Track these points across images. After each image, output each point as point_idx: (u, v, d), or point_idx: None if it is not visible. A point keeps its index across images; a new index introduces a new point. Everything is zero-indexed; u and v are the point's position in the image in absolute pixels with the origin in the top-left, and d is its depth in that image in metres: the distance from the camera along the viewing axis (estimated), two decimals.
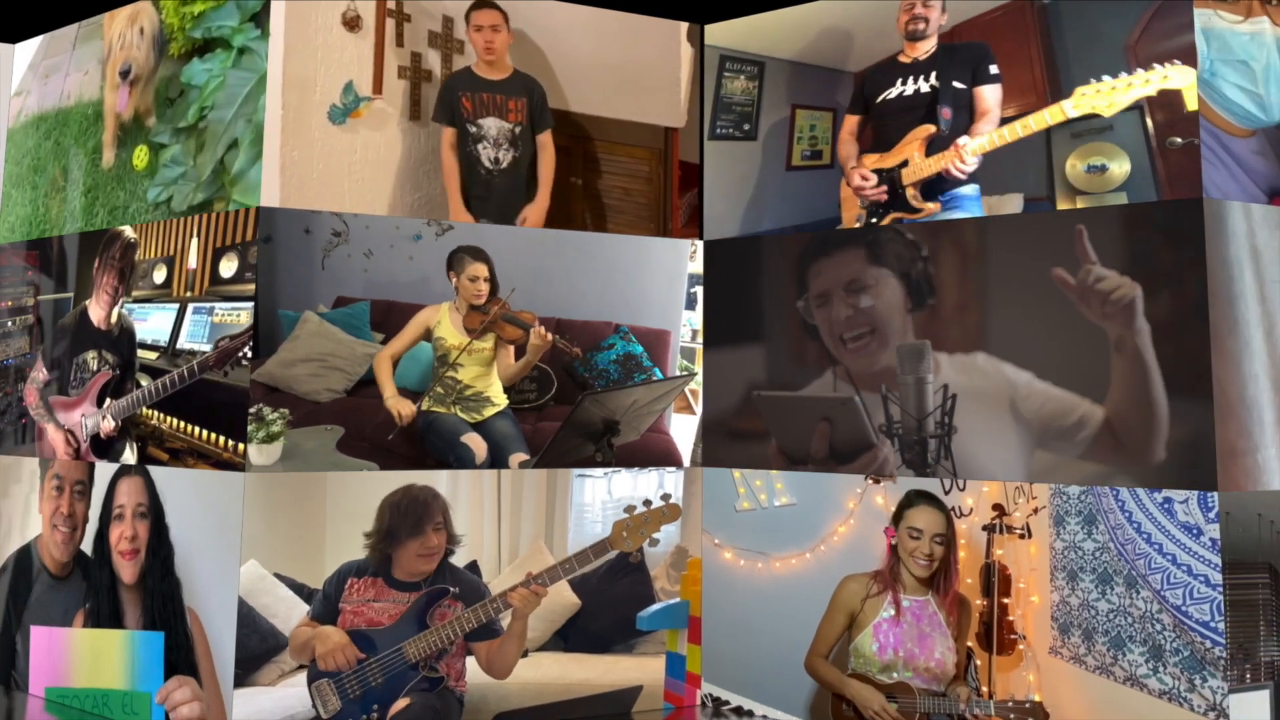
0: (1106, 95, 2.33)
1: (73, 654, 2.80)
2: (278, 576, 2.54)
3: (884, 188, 2.68)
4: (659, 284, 2.91)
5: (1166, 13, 2.35)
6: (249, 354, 2.55)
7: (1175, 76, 2.28)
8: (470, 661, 2.68)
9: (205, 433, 2.61)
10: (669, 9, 2.98)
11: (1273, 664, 2.19)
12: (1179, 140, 2.32)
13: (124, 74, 2.86)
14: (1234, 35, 2.37)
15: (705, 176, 2.97)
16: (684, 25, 2.98)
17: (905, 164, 2.65)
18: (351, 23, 2.63)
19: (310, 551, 2.57)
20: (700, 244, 2.96)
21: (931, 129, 2.60)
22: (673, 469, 2.89)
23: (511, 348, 2.80)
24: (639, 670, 2.82)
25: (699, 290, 2.94)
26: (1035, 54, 2.50)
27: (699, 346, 2.93)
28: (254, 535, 2.49)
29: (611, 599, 2.85)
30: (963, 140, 2.56)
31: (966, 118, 2.58)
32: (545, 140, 2.85)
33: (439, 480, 2.67)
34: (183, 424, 2.66)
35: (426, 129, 2.71)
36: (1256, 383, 2.27)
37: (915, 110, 2.64)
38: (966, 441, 2.25)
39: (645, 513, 2.86)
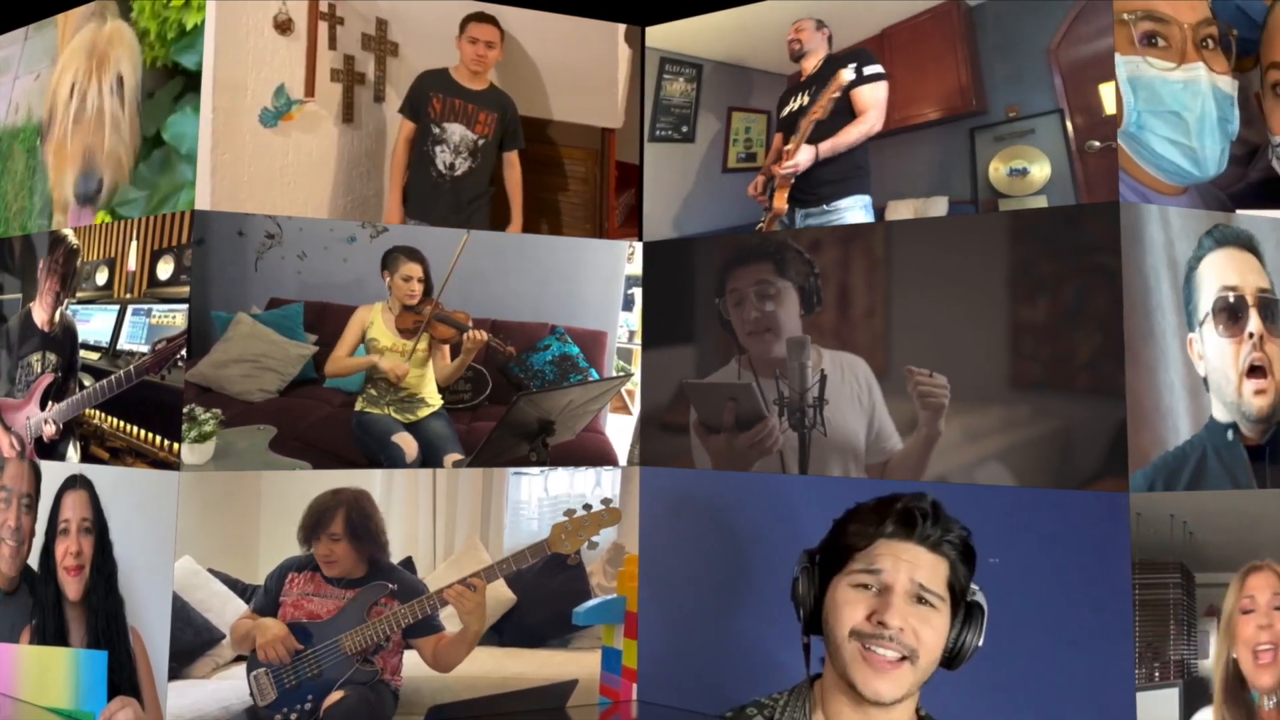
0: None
1: (20, 671, 2.84)
2: (212, 572, 2.57)
3: (765, 195, 2.76)
4: (595, 285, 2.94)
5: (1087, 17, 2.36)
6: (184, 355, 2.58)
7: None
8: (409, 656, 2.71)
9: (143, 432, 2.64)
10: (609, 12, 3.00)
11: (1183, 663, 2.22)
12: (1097, 144, 2.33)
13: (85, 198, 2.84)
14: (1164, 84, 2.34)
15: (645, 178, 2.99)
16: (622, 27, 2.99)
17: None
18: (283, 26, 2.64)
19: (244, 548, 2.60)
20: (639, 245, 2.99)
21: (781, 137, 2.74)
22: (610, 468, 2.91)
23: (447, 348, 2.82)
24: (574, 665, 2.85)
25: (636, 291, 2.96)
26: (961, 57, 2.51)
27: (636, 347, 2.96)
28: (188, 532, 2.52)
29: (547, 594, 2.87)
30: (789, 145, 2.71)
31: (848, 120, 2.64)
32: (513, 159, 2.87)
33: (373, 479, 2.70)
34: (122, 424, 2.69)
35: (360, 131, 2.72)
36: (1173, 391, 2.28)
37: (794, 124, 2.73)
38: (834, 413, 2.63)
39: (585, 516, 2.88)
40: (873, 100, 2.65)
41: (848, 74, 2.66)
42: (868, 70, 2.66)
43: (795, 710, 1.70)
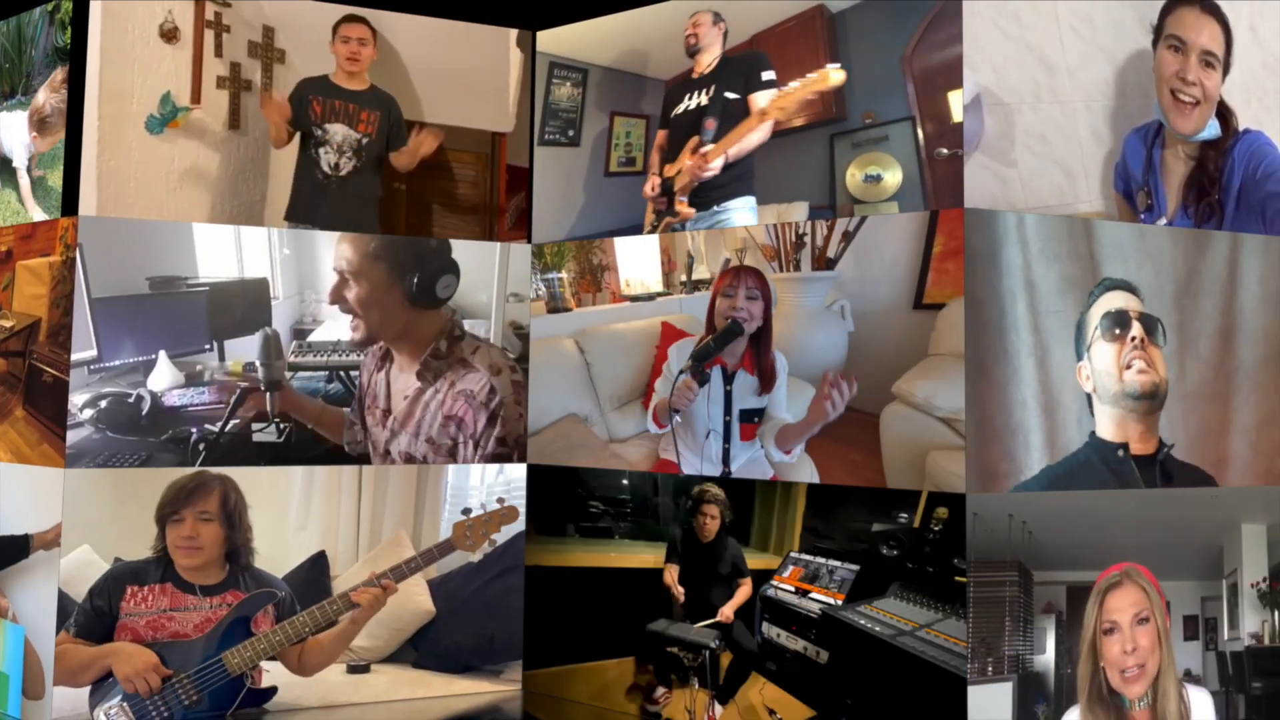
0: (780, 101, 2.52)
1: None
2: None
3: (665, 197, 2.78)
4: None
5: (939, 25, 2.40)
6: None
7: (834, 76, 2.45)
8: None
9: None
10: (502, 16, 3.05)
11: (1017, 658, 2.27)
12: (945, 151, 2.37)
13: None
14: None
15: (534, 181, 3.05)
16: (514, 32, 3.05)
17: (679, 173, 2.76)
18: (169, 34, 2.70)
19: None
20: (529, 247, 3.05)
21: (697, 140, 2.72)
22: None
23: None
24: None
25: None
26: (823, 63, 2.55)
27: None
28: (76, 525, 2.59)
29: (476, 608, 2.92)
30: (707, 146, 2.70)
31: (737, 125, 2.67)
32: (396, 156, 2.92)
33: (293, 475, 2.76)
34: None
35: (246, 137, 2.79)
36: (1024, 408, 2.33)
37: (696, 123, 2.75)
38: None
39: (484, 514, 2.93)
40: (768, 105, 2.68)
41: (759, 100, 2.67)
42: (765, 76, 2.68)
43: None
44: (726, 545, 2.63)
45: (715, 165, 2.68)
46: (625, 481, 2.82)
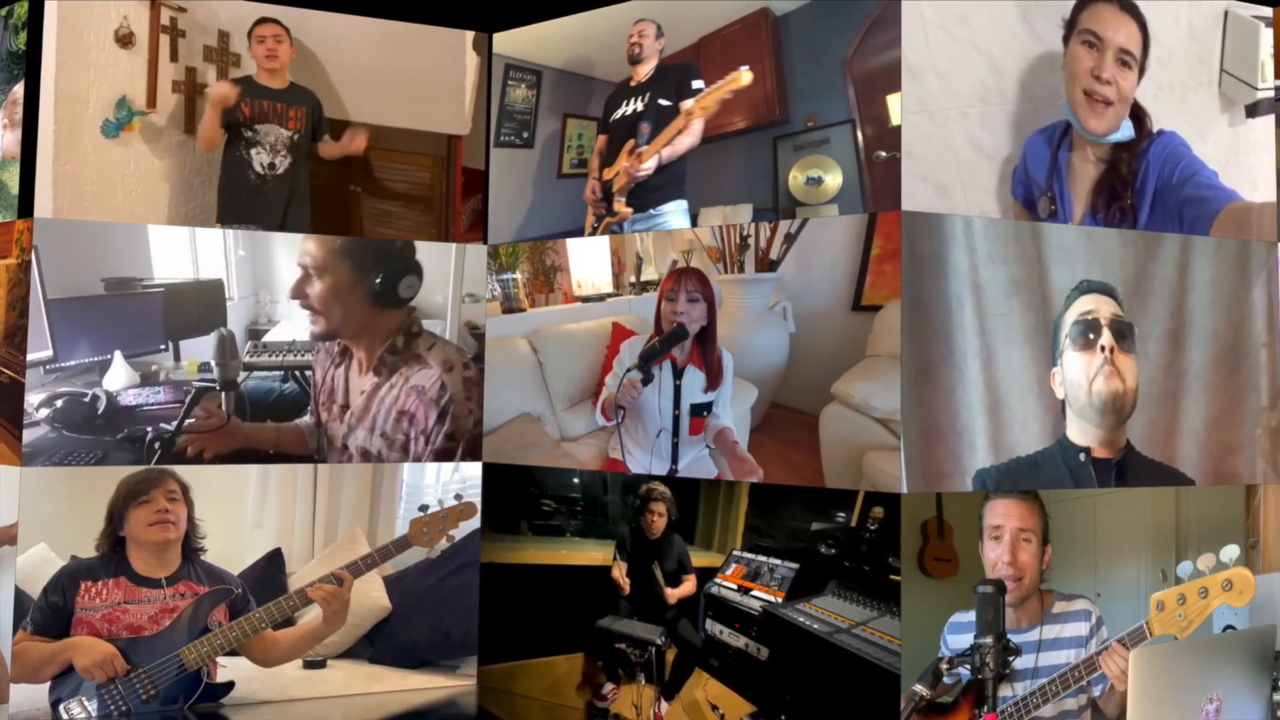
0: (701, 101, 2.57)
1: None
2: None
3: (604, 200, 2.82)
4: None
5: (878, 28, 2.42)
6: None
7: (745, 77, 2.49)
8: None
9: None
10: (459, 18, 3.07)
11: None
12: (883, 154, 2.40)
13: None
14: None
15: (490, 183, 3.08)
16: (470, 35, 3.08)
17: (617, 175, 2.80)
18: (124, 39, 2.74)
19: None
20: (484, 248, 3.08)
21: (633, 143, 2.77)
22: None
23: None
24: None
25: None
26: (767, 67, 2.58)
27: None
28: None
29: (433, 604, 2.97)
30: (641, 148, 2.75)
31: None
32: (322, 147, 2.94)
33: (248, 473, 2.80)
34: None
35: None
36: (970, 410, 2.36)
37: (633, 127, 2.79)
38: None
39: (442, 511, 2.98)
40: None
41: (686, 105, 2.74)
42: (695, 84, 2.72)
43: None
44: (673, 542, 2.67)
45: (649, 166, 2.72)
46: (576, 480, 2.85)
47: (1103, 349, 2.42)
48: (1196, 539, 2.55)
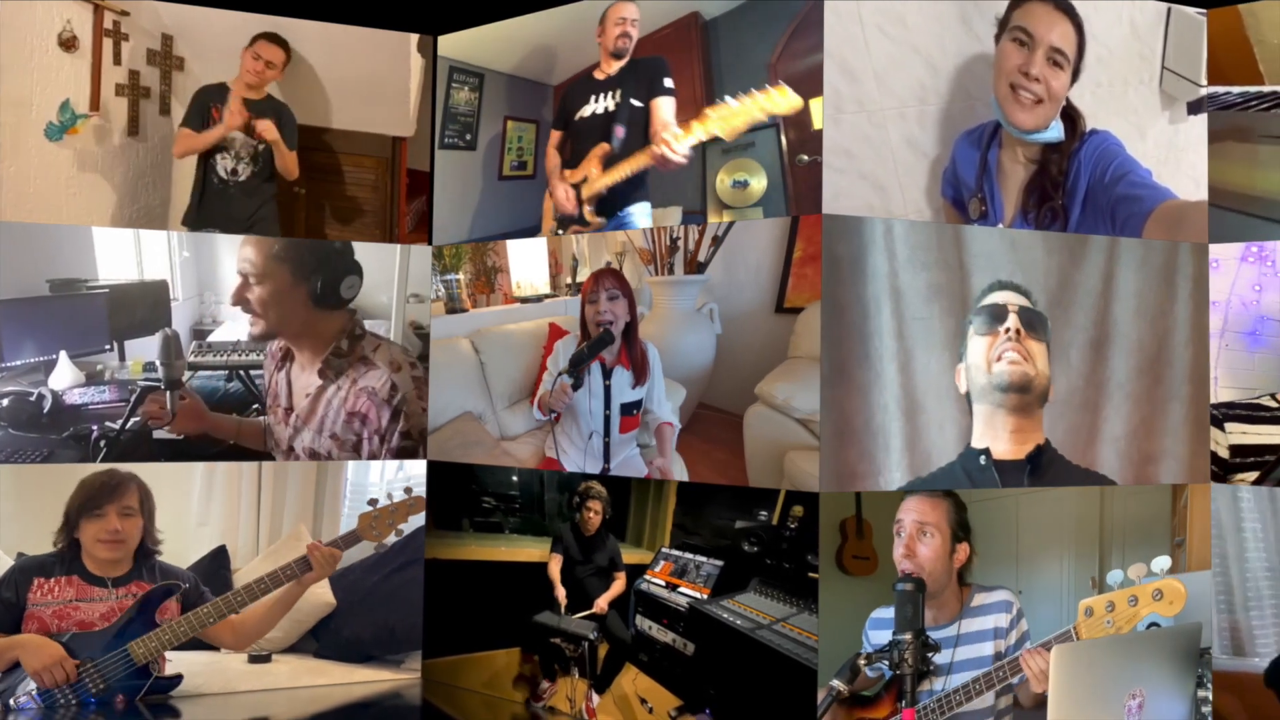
0: (728, 120, 2.47)
1: None
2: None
3: (577, 206, 2.82)
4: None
5: (801, 33, 2.44)
6: None
7: (781, 102, 2.41)
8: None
9: None
10: (405, 21, 3.11)
11: None
12: (806, 158, 2.42)
13: None
14: None
15: (435, 185, 3.12)
16: (415, 37, 3.11)
17: (585, 180, 2.80)
18: (68, 43, 2.78)
19: None
20: (429, 249, 3.12)
21: (606, 147, 2.75)
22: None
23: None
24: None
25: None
26: (696, 69, 2.61)
27: None
28: None
29: (378, 600, 3.00)
30: (668, 134, 2.60)
31: (642, 134, 2.69)
32: (278, 156, 2.97)
33: (194, 471, 2.85)
34: None
35: (146, 143, 2.87)
36: (886, 411, 2.39)
37: (601, 128, 2.78)
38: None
39: (391, 505, 3.03)
40: (669, 113, 2.68)
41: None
42: (666, 83, 2.69)
43: None
44: (606, 539, 2.71)
45: (684, 149, 2.59)
46: (515, 478, 2.89)
47: (1007, 331, 2.42)
48: (1122, 537, 2.58)
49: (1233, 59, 2.75)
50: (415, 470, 3.04)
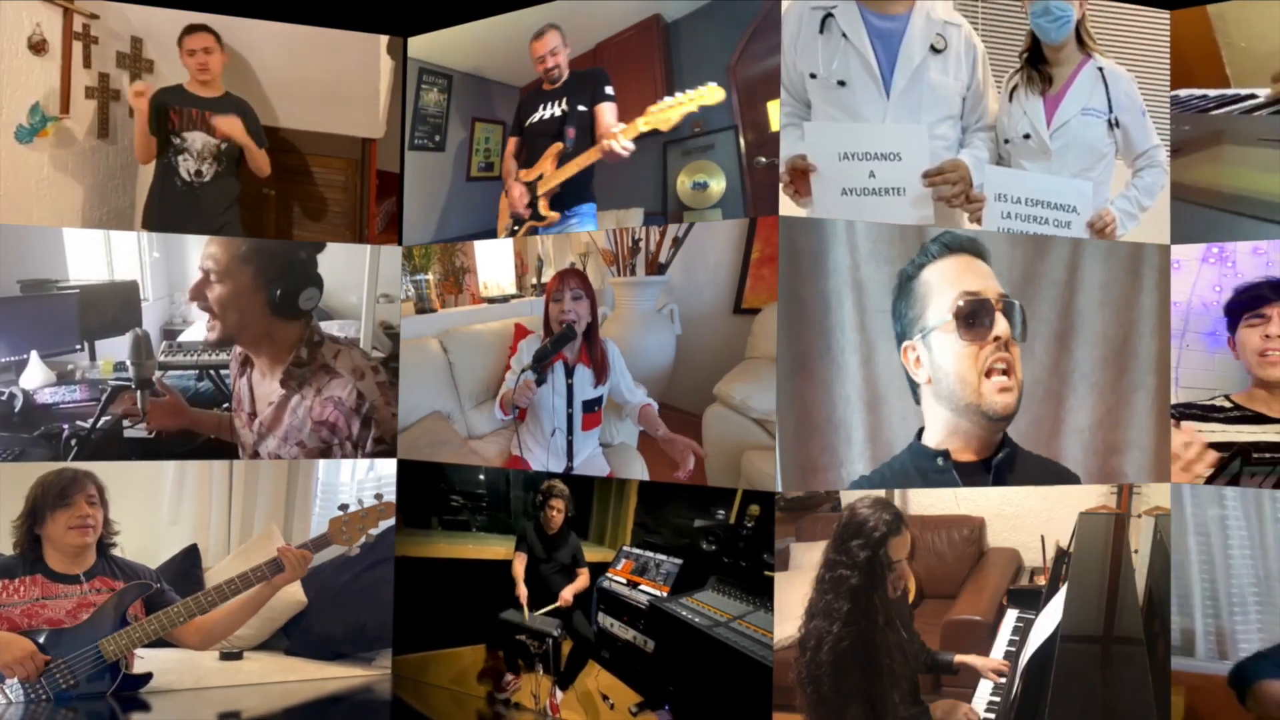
0: (664, 112, 2.54)
1: None
2: None
3: (530, 204, 2.87)
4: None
5: (760, 35, 2.46)
6: None
7: (709, 95, 2.47)
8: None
9: None
10: (374, 22, 3.13)
11: None
12: (764, 160, 2.44)
13: None
14: None
15: (405, 186, 3.14)
16: (385, 39, 3.13)
17: (540, 178, 2.84)
18: (37, 46, 2.80)
19: None
20: (399, 249, 3.14)
21: (560, 146, 2.80)
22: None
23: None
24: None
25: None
26: (658, 72, 2.62)
27: None
28: None
29: (349, 598, 3.03)
30: (615, 130, 2.67)
31: (589, 135, 2.74)
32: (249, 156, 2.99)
33: (165, 470, 2.88)
34: None
35: (115, 146, 2.89)
36: (848, 404, 2.40)
37: (551, 131, 2.83)
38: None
39: (362, 510, 3.06)
40: (612, 117, 2.73)
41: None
42: (607, 90, 2.75)
43: None
44: (568, 537, 2.74)
45: (629, 145, 2.66)
46: (482, 477, 2.92)
47: (996, 339, 2.36)
48: None
49: (1200, 60, 2.77)
50: (386, 470, 3.06)
